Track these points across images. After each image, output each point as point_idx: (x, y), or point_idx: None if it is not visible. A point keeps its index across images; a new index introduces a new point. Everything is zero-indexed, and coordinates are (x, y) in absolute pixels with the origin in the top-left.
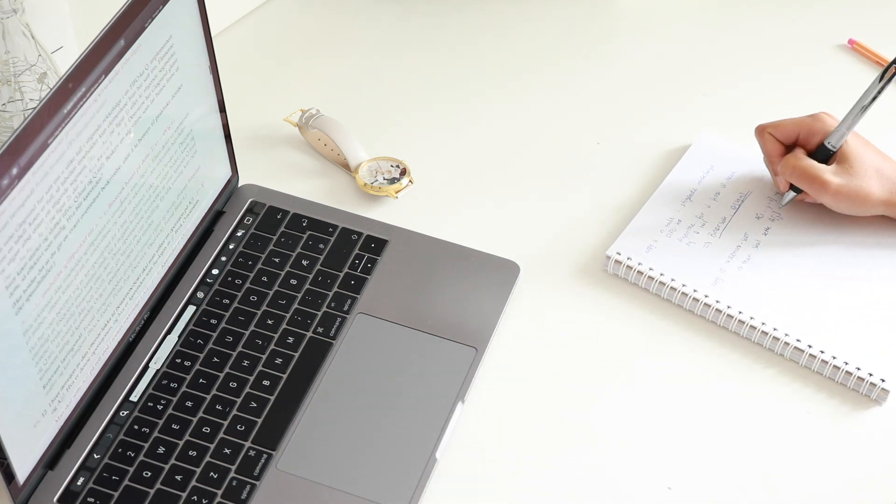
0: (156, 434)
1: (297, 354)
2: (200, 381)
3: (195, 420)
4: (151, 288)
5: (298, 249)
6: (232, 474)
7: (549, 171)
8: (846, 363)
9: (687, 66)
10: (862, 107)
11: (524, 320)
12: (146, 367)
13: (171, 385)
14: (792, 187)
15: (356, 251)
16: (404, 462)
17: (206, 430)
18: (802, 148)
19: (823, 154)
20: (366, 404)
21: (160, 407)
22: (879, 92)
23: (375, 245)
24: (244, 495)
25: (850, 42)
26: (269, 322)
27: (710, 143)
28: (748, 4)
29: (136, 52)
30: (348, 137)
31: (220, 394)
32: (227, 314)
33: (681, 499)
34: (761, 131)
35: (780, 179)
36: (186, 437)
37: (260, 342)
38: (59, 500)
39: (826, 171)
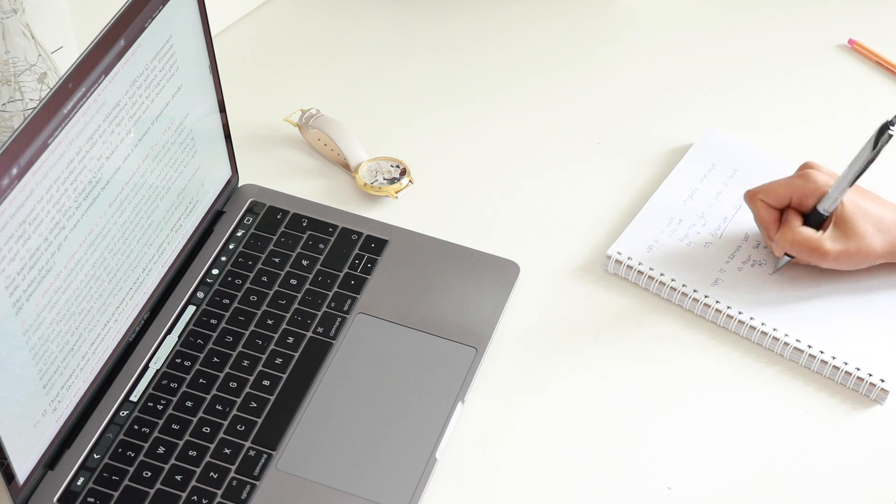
0: (156, 434)
1: (297, 354)
2: (200, 381)
3: (195, 420)
4: (151, 288)
5: (298, 249)
6: (232, 474)
7: (549, 170)
8: (846, 363)
9: (687, 66)
10: (854, 174)
11: (524, 320)
12: (146, 367)
13: (171, 385)
14: (786, 253)
15: (356, 251)
16: (404, 462)
17: (206, 430)
18: (797, 210)
19: (818, 219)
20: (366, 404)
21: (160, 407)
22: (872, 159)
23: (375, 245)
24: (244, 495)
25: (850, 42)
26: (269, 322)
27: (712, 142)
28: (748, 4)
29: (136, 52)
30: (348, 137)
31: (220, 394)
32: (227, 314)
33: (681, 499)
34: (752, 198)
35: (774, 245)
36: (186, 437)
37: (260, 342)
38: (59, 500)
39: (824, 240)
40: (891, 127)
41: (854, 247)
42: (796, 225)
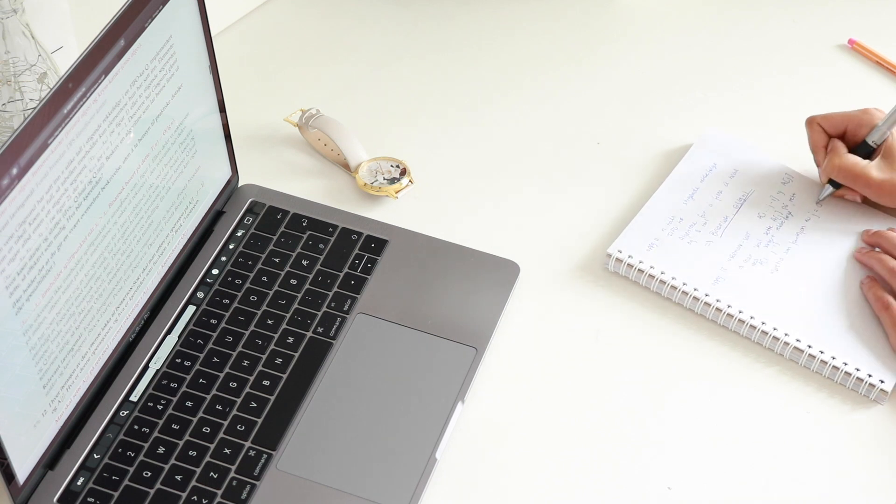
0: (156, 434)
1: (297, 354)
2: (200, 381)
3: (195, 420)
4: (151, 288)
5: (298, 249)
6: (232, 474)
7: (549, 170)
8: (845, 363)
9: (687, 67)
10: None
11: (524, 320)
12: (146, 367)
13: (171, 385)
14: (830, 182)
15: (356, 251)
16: (404, 462)
17: (206, 430)
18: (850, 140)
19: (865, 150)
20: (366, 404)
21: (160, 407)
22: None
23: (375, 245)
24: (244, 495)
25: (850, 42)
26: (269, 322)
27: (713, 142)
28: (748, 4)
29: (136, 52)
30: (348, 137)
31: (220, 394)
32: (227, 314)
33: (681, 499)
34: (811, 122)
35: (821, 170)
36: (186, 437)
37: (260, 342)
38: (59, 500)
39: (869, 167)
40: None
41: None
42: (843, 151)
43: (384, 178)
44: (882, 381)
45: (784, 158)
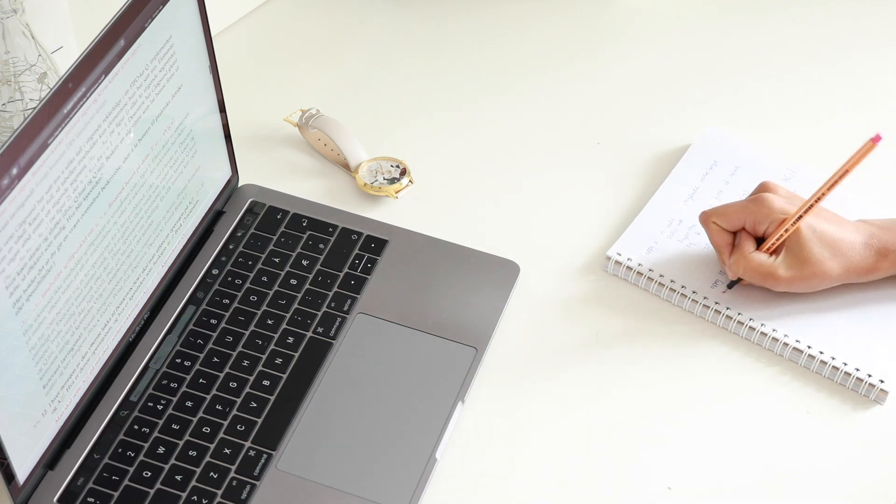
0: (156, 434)
1: (297, 354)
2: (200, 381)
3: (195, 420)
4: (151, 288)
5: (298, 249)
6: (232, 474)
7: (549, 170)
8: (845, 363)
9: (687, 66)
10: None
11: (524, 320)
12: (146, 367)
13: (171, 385)
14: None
15: (356, 251)
16: (404, 462)
17: (206, 430)
18: (750, 234)
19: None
20: (366, 404)
21: (160, 407)
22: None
23: (375, 245)
24: (244, 495)
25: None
26: (269, 322)
27: (713, 139)
28: (748, 4)
29: (136, 52)
30: (348, 137)
31: (220, 394)
32: (227, 314)
33: (681, 499)
34: (706, 220)
35: (727, 269)
36: (186, 437)
37: (260, 342)
38: (59, 500)
39: (777, 267)
40: None
41: (808, 271)
42: (749, 250)
43: (384, 178)
44: (882, 381)
45: (784, 156)
